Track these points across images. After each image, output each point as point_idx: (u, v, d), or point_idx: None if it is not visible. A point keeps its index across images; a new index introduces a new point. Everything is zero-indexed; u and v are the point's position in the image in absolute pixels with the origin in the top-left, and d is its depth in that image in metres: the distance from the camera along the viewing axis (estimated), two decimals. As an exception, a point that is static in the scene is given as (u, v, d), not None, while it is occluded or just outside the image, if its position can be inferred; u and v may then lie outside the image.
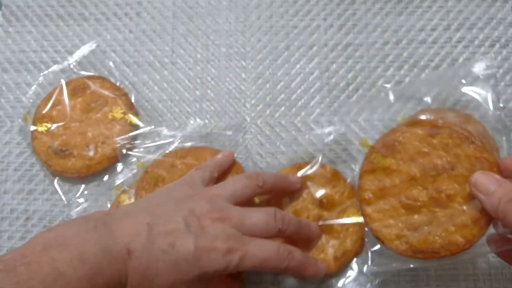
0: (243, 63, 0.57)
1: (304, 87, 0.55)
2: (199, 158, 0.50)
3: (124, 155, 0.52)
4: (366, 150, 0.44)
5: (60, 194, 0.52)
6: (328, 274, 0.47)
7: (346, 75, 0.56)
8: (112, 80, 0.55)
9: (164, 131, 0.53)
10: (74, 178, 0.52)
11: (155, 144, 0.52)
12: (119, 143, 0.52)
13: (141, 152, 0.52)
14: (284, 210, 0.48)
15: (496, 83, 0.55)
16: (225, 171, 0.49)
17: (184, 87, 0.56)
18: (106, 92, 0.54)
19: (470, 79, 0.49)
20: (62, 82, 0.54)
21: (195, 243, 0.36)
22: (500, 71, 0.55)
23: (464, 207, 0.38)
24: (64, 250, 0.32)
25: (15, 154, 0.54)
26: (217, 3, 0.59)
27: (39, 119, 0.53)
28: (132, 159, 0.52)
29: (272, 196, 0.49)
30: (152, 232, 0.36)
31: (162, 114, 0.55)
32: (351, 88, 0.55)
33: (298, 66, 0.56)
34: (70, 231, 0.34)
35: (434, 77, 0.55)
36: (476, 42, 0.56)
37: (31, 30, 0.58)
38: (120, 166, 0.52)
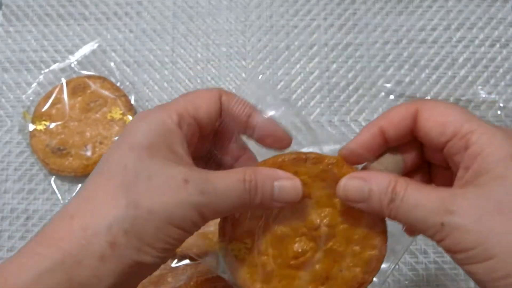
0: (243, 62, 0.57)
1: (304, 87, 0.55)
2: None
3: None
4: None
5: (56, 192, 0.52)
6: None
7: (346, 74, 0.56)
8: (112, 79, 0.55)
9: None
10: (71, 177, 0.52)
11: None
12: None
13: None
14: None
15: (496, 83, 0.55)
16: None
17: (185, 87, 0.56)
18: (106, 93, 0.54)
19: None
20: (63, 80, 0.54)
21: None
22: (500, 71, 0.55)
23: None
24: None
25: (15, 153, 0.54)
26: (217, 3, 0.59)
27: (38, 117, 0.53)
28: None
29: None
30: None
31: (162, 113, 0.55)
32: (351, 88, 0.55)
33: (298, 66, 0.56)
34: None
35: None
36: (476, 42, 0.56)
37: (31, 29, 0.58)
38: (119, 167, 0.52)
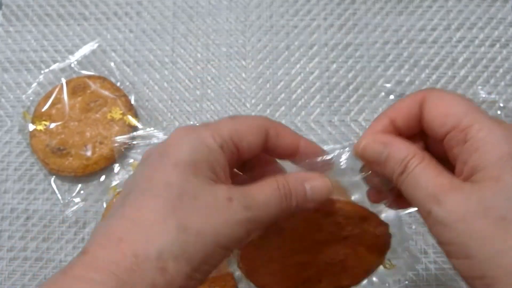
0: (243, 62, 0.57)
1: (304, 87, 0.55)
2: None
3: (121, 156, 0.52)
4: None
5: (56, 192, 0.52)
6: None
7: (346, 74, 0.56)
8: (112, 79, 0.55)
9: (161, 135, 0.52)
10: (71, 177, 0.52)
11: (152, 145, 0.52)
12: (117, 143, 0.52)
13: (138, 154, 0.52)
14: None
15: (496, 83, 0.55)
16: None
17: (185, 87, 0.56)
18: (106, 93, 0.54)
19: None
20: (63, 80, 0.54)
21: None
22: (500, 71, 0.55)
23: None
24: None
25: (15, 153, 0.54)
26: (217, 3, 0.59)
27: (38, 117, 0.53)
28: (129, 160, 0.52)
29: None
30: None
31: (162, 113, 0.55)
32: (351, 88, 0.55)
33: (298, 66, 0.56)
34: None
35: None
36: (476, 42, 0.56)
37: (31, 29, 0.58)
38: (117, 167, 0.52)
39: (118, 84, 0.55)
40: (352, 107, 0.55)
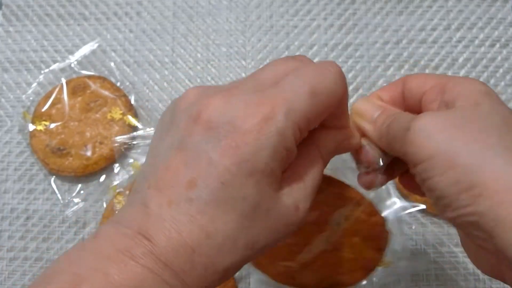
0: (244, 62, 0.57)
1: (304, 87, 0.55)
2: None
3: (121, 156, 0.52)
4: None
5: (56, 192, 0.52)
6: None
7: (346, 74, 0.55)
8: (112, 79, 0.55)
9: None
10: (71, 177, 0.52)
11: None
12: (117, 143, 0.52)
13: (138, 154, 0.52)
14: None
15: (496, 83, 0.55)
16: None
17: (185, 87, 0.56)
18: (106, 93, 0.54)
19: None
20: (63, 80, 0.54)
21: None
22: (500, 71, 0.55)
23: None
24: None
25: (15, 153, 0.54)
26: (217, 3, 0.59)
27: (38, 117, 0.53)
28: (129, 160, 0.52)
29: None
30: None
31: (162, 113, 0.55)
32: (351, 88, 0.55)
33: (298, 66, 0.56)
34: None
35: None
36: (476, 42, 0.56)
37: (31, 29, 0.58)
38: (117, 167, 0.52)
39: (118, 84, 0.55)
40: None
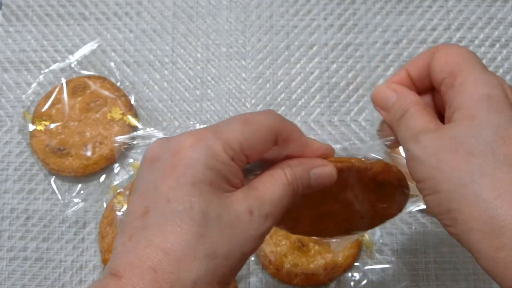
0: (243, 62, 0.57)
1: (304, 87, 0.55)
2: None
3: (121, 156, 0.52)
4: None
5: (56, 192, 0.52)
6: (316, 285, 0.48)
7: (346, 74, 0.56)
8: (112, 79, 0.55)
9: (160, 135, 0.52)
10: (71, 177, 0.52)
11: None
12: (117, 143, 0.52)
13: (138, 154, 0.52)
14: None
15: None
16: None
17: (185, 87, 0.56)
18: (106, 93, 0.54)
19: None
20: (63, 80, 0.54)
21: None
22: (500, 71, 0.55)
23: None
24: None
25: (15, 153, 0.54)
26: (217, 3, 0.59)
27: (38, 117, 0.53)
28: (129, 160, 0.52)
29: None
30: None
31: (162, 113, 0.55)
32: (351, 88, 0.55)
33: (298, 66, 0.56)
34: None
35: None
36: (476, 42, 0.56)
37: (31, 29, 0.58)
38: (117, 167, 0.52)
39: (118, 84, 0.55)
40: (352, 107, 0.55)
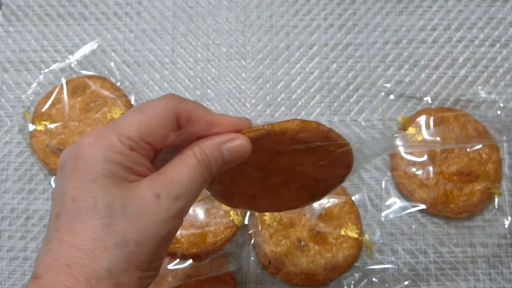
0: (243, 62, 0.57)
1: (304, 87, 0.55)
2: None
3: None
4: None
5: (58, 193, 0.52)
6: (316, 285, 0.48)
7: (346, 74, 0.56)
8: (112, 79, 0.55)
9: None
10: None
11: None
12: None
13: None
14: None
15: (496, 83, 0.55)
16: None
17: (185, 87, 0.56)
18: (106, 93, 0.54)
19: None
20: (63, 80, 0.54)
21: None
22: (500, 71, 0.55)
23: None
24: None
25: (15, 153, 0.54)
26: (217, 3, 0.59)
27: (38, 117, 0.53)
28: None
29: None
30: None
31: (162, 113, 0.55)
32: (351, 88, 0.55)
33: (298, 66, 0.56)
34: None
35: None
36: (476, 42, 0.56)
37: (31, 29, 0.58)
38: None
39: (118, 84, 0.55)
40: (352, 107, 0.55)
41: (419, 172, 0.50)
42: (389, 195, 0.51)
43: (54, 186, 0.28)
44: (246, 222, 0.50)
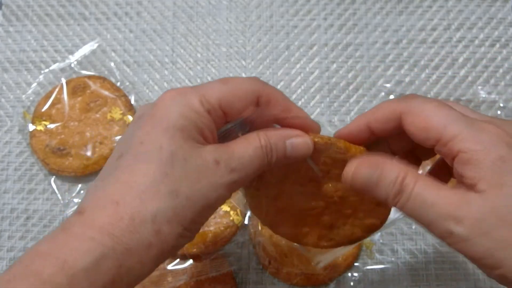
0: (243, 62, 0.57)
1: (304, 87, 0.55)
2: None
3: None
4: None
5: (56, 192, 0.52)
6: (316, 285, 0.48)
7: (346, 74, 0.56)
8: (112, 79, 0.55)
9: None
10: (71, 177, 0.52)
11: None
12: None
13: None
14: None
15: (496, 83, 0.55)
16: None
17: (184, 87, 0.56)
18: (106, 93, 0.54)
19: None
20: (63, 80, 0.54)
21: None
22: (500, 71, 0.55)
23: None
24: None
25: (15, 153, 0.54)
26: (217, 3, 0.59)
27: (38, 117, 0.53)
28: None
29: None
30: None
31: (162, 113, 0.55)
32: (351, 88, 0.55)
33: (298, 66, 0.56)
34: None
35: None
36: (476, 42, 0.56)
37: (31, 29, 0.58)
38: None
39: (118, 84, 0.55)
40: (352, 107, 0.55)
41: (419, 172, 0.50)
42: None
43: (122, 135, 0.30)
44: (246, 222, 0.50)
